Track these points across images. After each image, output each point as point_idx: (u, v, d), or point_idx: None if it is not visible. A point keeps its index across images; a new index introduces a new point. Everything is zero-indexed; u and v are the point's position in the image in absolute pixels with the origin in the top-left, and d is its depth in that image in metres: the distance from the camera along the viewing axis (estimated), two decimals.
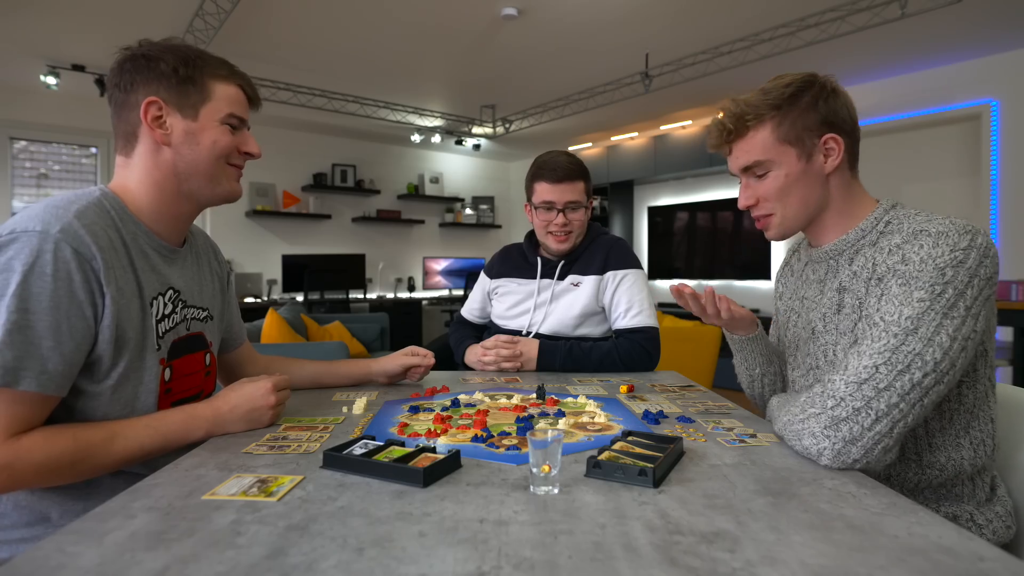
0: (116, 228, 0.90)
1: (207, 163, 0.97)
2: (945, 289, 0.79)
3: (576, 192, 1.62)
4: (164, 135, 0.94)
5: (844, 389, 0.79)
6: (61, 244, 0.80)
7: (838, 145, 0.93)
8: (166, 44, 0.97)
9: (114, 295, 0.85)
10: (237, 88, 1.00)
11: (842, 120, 0.94)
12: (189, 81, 0.95)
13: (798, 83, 0.94)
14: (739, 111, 0.96)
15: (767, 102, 0.94)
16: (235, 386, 0.97)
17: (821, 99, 0.93)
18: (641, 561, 0.52)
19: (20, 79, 4.38)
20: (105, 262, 0.84)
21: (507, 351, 1.51)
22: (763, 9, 3.33)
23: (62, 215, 0.82)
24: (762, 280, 5.32)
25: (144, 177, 0.96)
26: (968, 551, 0.54)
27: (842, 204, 0.97)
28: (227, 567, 0.51)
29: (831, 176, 0.96)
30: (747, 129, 0.96)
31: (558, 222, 1.62)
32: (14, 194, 4.70)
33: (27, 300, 0.77)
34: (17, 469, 0.76)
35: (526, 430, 0.92)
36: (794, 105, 0.93)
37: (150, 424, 0.87)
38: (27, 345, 0.77)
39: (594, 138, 6.51)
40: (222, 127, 0.98)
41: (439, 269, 6.90)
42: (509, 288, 1.74)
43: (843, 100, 0.95)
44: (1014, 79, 3.94)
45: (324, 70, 4.33)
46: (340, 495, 0.68)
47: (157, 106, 0.93)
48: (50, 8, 3.26)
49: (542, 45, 3.87)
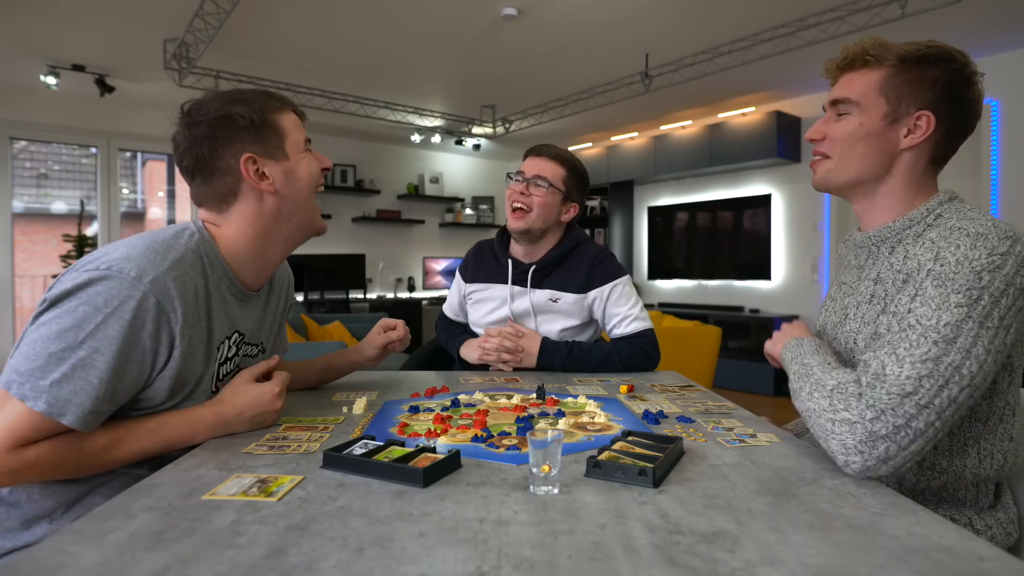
0: (204, 276, 0.91)
1: (307, 195, 1.00)
2: (981, 295, 0.75)
3: (547, 170, 1.57)
4: (270, 185, 0.96)
5: (887, 400, 0.73)
6: (148, 295, 0.81)
7: (927, 125, 0.88)
8: (224, 97, 0.96)
9: (184, 349, 0.87)
10: (292, 113, 1.02)
11: (952, 110, 0.88)
12: (264, 125, 0.96)
13: (939, 51, 0.88)
14: (868, 46, 0.91)
15: (898, 51, 0.89)
16: (240, 389, 0.96)
17: (950, 79, 0.87)
18: (641, 561, 0.52)
19: (20, 79, 4.38)
20: (184, 316, 0.86)
21: (510, 343, 1.50)
22: (763, 9, 3.33)
23: (158, 264, 0.83)
24: (762, 280, 5.31)
25: (245, 228, 0.97)
26: (968, 551, 0.54)
27: (900, 186, 0.92)
28: (227, 567, 0.51)
29: (904, 152, 0.90)
30: (864, 65, 0.92)
31: (518, 189, 1.56)
32: (14, 194, 4.70)
33: (101, 340, 0.78)
34: (20, 474, 0.77)
35: (526, 430, 0.92)
36: (918, 67, 0.88)
37: (153, 429, 0.88)
38: (85, 384, 0.78)
39: (594, 138, 6.51)
40: (307, 155, 1.01)
41: (439, 269, 6.90)
42: (483, 295, 1.68)
43: (972, 94, 0.88)
44: (1014, 79, 3.95)
45: (324, 70, 4.33)
46: (340, 495, 0.68)
47: (253, 160, 0.94)
48: (50, 8, 3.26)
49: (542, 45, 3.87)
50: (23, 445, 0.76)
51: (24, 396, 0.76)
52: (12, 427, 0.75)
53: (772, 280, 5.26)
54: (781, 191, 5.21)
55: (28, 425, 0.76)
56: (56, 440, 0.79)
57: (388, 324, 1.33)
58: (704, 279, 5.82)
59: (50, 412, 0.76)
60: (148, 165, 6.13)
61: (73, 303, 0.79)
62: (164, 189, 5.96)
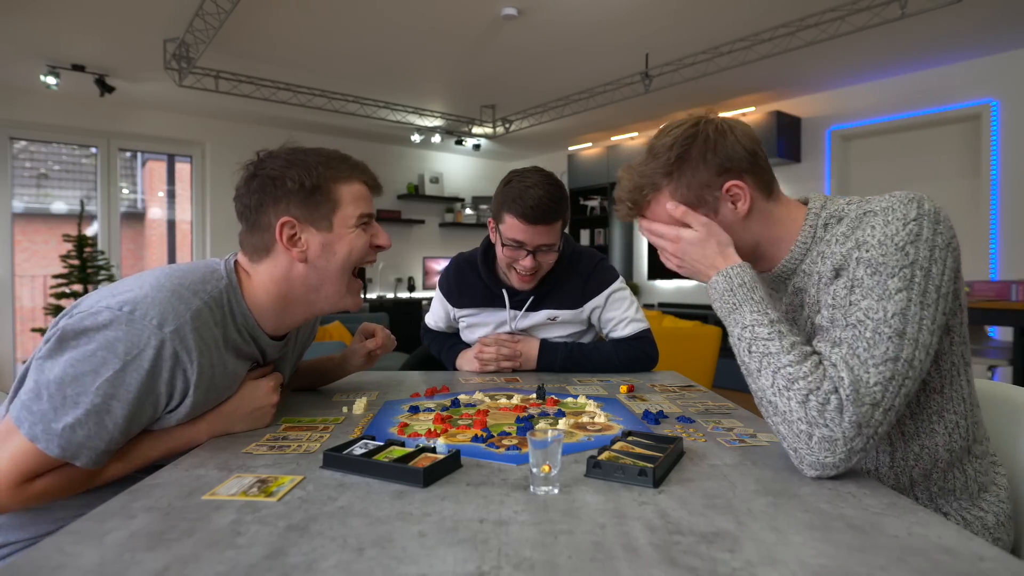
0: (224, 325, 0.90)
1: (338, 273, 0.97)
2: (914, 272, 0.76)
3: (552, 234, 1.41)
4: (300, 252, 0.94)
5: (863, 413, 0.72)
6: (167, 344, 0.80)
7: (742, 190, 0.89)
8: (286, 155, 0.95)
9: (198, 398, 0.86)
10: (360, 184, 0.99)
11: (739, 159, 0.88)
12: (317, 191, 0.93)
13: (680, 141, 0.89)
14: (635, 184, 0.93)
15: (658, 170, 0.90)
16: None
17: (709, 150, 0.88)
18: (641, 561, 0.52)
19: (20, 79, 4.38)
20: (200, 368, 0.84)
21: (508, 350, 1.51)
22: (763, 9, 3.33)
23: (182, 313, 0.82)
24: None
25: (270, 285, 0.96)
26: (968, 551, 0.54)
27: (771, 233, 0.92)
28: (227, 567, 0.51)
29: (747, 218, 0.91)
30: (648, 202, 0.93)
31: (525, 264, 1.42)
32: (14, 194, 4.70)
33: (116, 387, 0.78)
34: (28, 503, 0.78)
35: (526, 430, 0.92)
36: (684, 166, 0.89)
37: (157, 438, 0.88)
38: (100, 429, 0.78)
39: (594, 138, 6.51)
40: (356, 230, 0.97)
41: (439, 269, 6.90)
42: (476, 319, 1.62)
43: (733, 137, 0.89)
44: (1014, 79, 3.94)
45: (324, 70, 4.33)
46: (340, 495, 0.68)
47: (291, 225, 0.93)
48: (50, 8, 3.26)
49: (542, 45, 3.87)
50: (30, 479, 0.77)
51: (35, 438, 0.75)
52: (20, 464, 0.76)
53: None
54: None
55: (38, 463, 0.76)
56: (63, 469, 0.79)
57: (367, 331, 1.29)
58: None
59: (63, 455, 0.76)
60: (148, 165, 6.12)
61: (92, 346, 0.78)
62: (164, 189, 5.96)
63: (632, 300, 1.59)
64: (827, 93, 4.88)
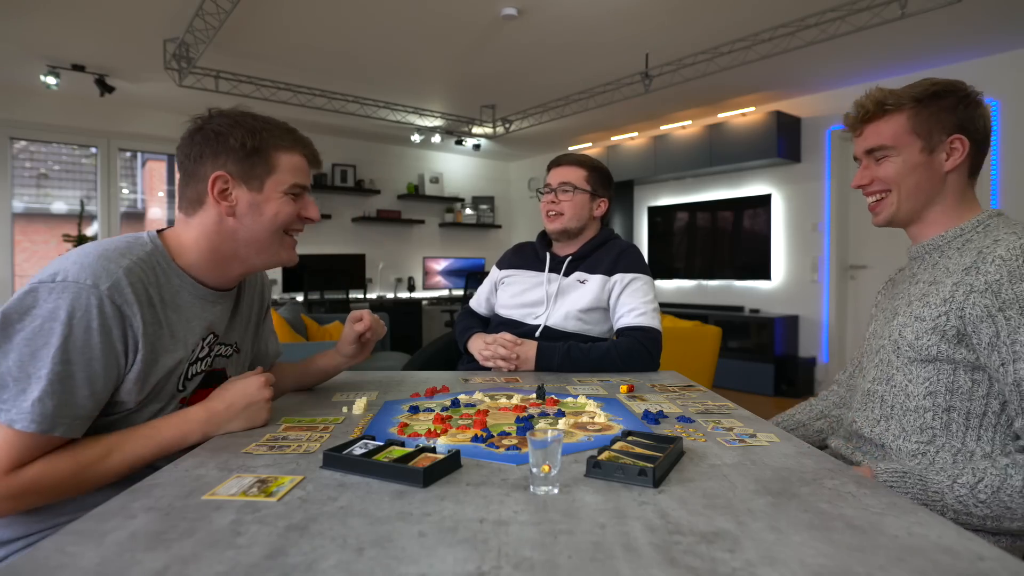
0: (158, 284, 0.93)
1: (267, 233, 1.01)
2: None
3: (571, 175, 1.73)
4: (229, 207, 0.98)
5: None
6: (106, 300, 0.83)
7: (963, 146, 1.01)
8: (235, 116, 0.99)
9: (146, 353, 0.88)
10: (300, 156, 1.03)
11: (975, 128, 1.01)
12: (256, 153, 0.98)
13: (944, 84, 1.01)
14: (882, 97, 1.04)
15: (911, 93, 1.02)
16: (226, 384, 0.98)
17: (962, 104, 1.01)
18: (641, 561, 0.52)
19: (20, 79, 4.38)
20: (144, 320, 0.87)
21: (505, 351, 1.51)
22: (763, 9, 3.33)
23: (112, 270, 0.85)
24: (762, 280, 5.31)
25: (201, 239, 0.99)
26: (968, 551, 0.54)
27: (953, 203, 1.04)
28: (227, 567, 0.51)
29: (949, 174, 1.03)
30: (884, 113, 1.04)
31: (549, 199, 1.74)
32: (14, 194, 4.70)
33: (70, 352, 0.80)
34: (22, 497, 0.79)
35: (526, 430, 0.92)
36: (934, 102, 1.01)
37: (146, 434, 0.88)
38: (66, 395, 0.80)
39: (594, 138, 6.51)
40: (285, 197, 1.01)
41: (439, 269, 6.90)
42: (514, 278, 1.80)
43: (982, 111, 1.02)
44: (1014, 79, 3.94)
45: (324, 70, 4.33)
46: (340, 495, 0.68)
47: (224, 180, 0.96)
48: (50, 8, 3.26)
49: (542, 45, 3.87)
50: (19, 466, 0.78)
51: (11, 421, 0.77)
52: (4, 450, 0.77)
53: (772, 280, 5.25)
54: (781, 191, 5.21)
55: (21, 445, 0.77)
56: (51, 456, 0.80)
57: (355, 316, 1.28)
58: (704, 279, 5.82)
59: (41, 429, 0.77)
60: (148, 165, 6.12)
61: (37, 322, 0.80)
62: (164, 189, 5.96)
63: (652, 298, 1.63)
64: (827, 93, 4.88)
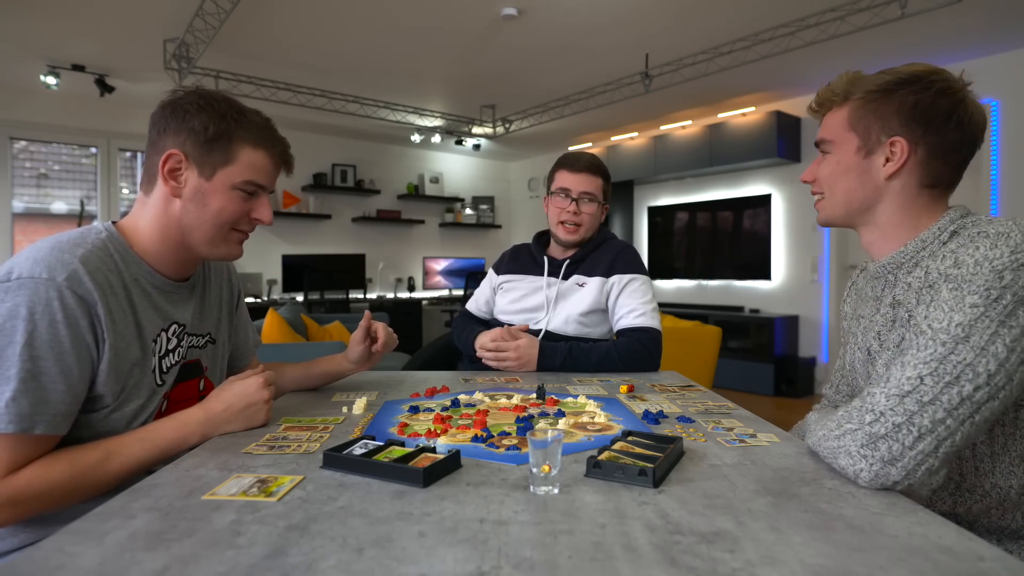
0: (118, 271, 0.91)
1: (209, 226, 0.97)
2: (1003, 294, 0.70)
3: (593, 185, 1.70)
4: (176, 188, 0.95)
5: (884, 402, 0.70)
6: (66, 291, 0.81)
7: (902, 151, 0.86)
8: (211, 98, 0.95)
9: (113, 341, 0.86)
10: (265, 155, 0.99)
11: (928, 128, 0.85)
12: (216, 140, 0.94)
13: (907, 76, 0.87)
14: (833, 85, 0.94)
15: (866, 84, 0.90)
16: (225, 385, 0.97)
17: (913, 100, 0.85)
18: (641, 561, 0.52)
19: (20, 79, 4.38)
20: (106, 308, 0.85)
21: (500, 344, 1.51)
22: (763, 9, 3.33)
23: (68, 261, 0.83)
24: (762, 280, 5.31)
25: (153, 221, 0.97)
26: (968, 551, 0.54)
27: (897, 214, 0.90)
28: (227, 567, 0.51)
29: (889, 181, 0.89)
30: (832, 104, 0.95)
31: (570, 209, 1.68)
32: (14, 194, 4.70)
33: (37, 347, 0.79)
34: (20, 503, 0.77)
35: (526, 430, 0.92)
36: (884, 96, 0.88)
37: (144, 437, 0.88)
38: (40, 391, 0.78)
39: (594, 138, 6.51)
40: (233, 192, 0.97)
41: (439, 269, 6.90)
42: (513, 284, 1.78)
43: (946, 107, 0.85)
44: (1014, 79, 3.94)
45: (324, 70, 4.33)
46: (340, 495, 0.68)
47: (178, 159, 0.94)
48: (50, 8, 3.26)
49: (542, 45, 3.87)
50: (11, 471, 0.77)
51: None
52: None
53: (772, 280, 5.25)
54: (781, 191, 5.21)
55: (6, 448, 0.76)
56: (45, 461, 0.79)
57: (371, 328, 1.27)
58: (704, 279, 5.82)
59: (20, 428, 0.76)
60: None
61: None
62: None
63: (651, 298, 1.63)
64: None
